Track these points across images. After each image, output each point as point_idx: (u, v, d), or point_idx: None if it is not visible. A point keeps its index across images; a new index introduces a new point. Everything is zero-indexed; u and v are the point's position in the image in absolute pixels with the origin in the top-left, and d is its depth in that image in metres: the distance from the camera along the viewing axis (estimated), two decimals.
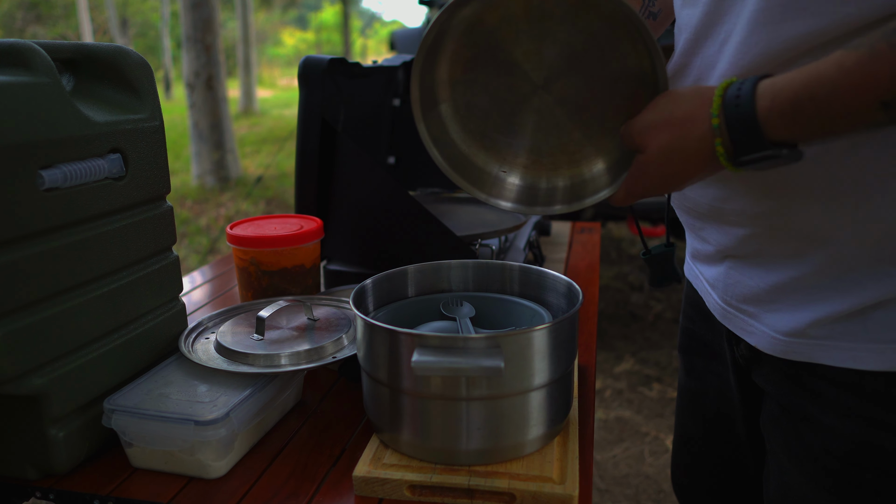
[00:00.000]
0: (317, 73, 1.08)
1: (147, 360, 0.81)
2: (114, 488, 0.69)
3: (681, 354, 0.98)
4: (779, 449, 0.75)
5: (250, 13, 15.48)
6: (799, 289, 0.67)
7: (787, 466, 0.74)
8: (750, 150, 0.57)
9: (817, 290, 0.66)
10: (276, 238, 0.98)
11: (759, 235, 0.69)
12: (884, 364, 0.62)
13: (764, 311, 0.71)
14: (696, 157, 0.61)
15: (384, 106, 1.46)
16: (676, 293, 3.55)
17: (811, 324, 0.66)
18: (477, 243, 1.09)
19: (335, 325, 0.87)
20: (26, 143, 0.63)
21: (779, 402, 0.74)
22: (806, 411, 0.69)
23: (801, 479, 0.72)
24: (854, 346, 0.64)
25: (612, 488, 2.04)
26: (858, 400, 0.65)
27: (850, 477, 0.67)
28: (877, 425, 0.64)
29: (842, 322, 0.65)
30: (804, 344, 0.67)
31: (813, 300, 0.66)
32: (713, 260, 0.79)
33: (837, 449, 0.67)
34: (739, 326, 0.75)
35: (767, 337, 0.70)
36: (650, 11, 0.89)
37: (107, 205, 0.74)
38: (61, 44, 0.73)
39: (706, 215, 0.75)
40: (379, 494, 0.67)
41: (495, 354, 0.62)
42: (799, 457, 0.72)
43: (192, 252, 4.70)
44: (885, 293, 0.62)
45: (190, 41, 6.29)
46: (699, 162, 0.61)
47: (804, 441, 0.71)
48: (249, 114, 14.43)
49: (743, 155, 0.58)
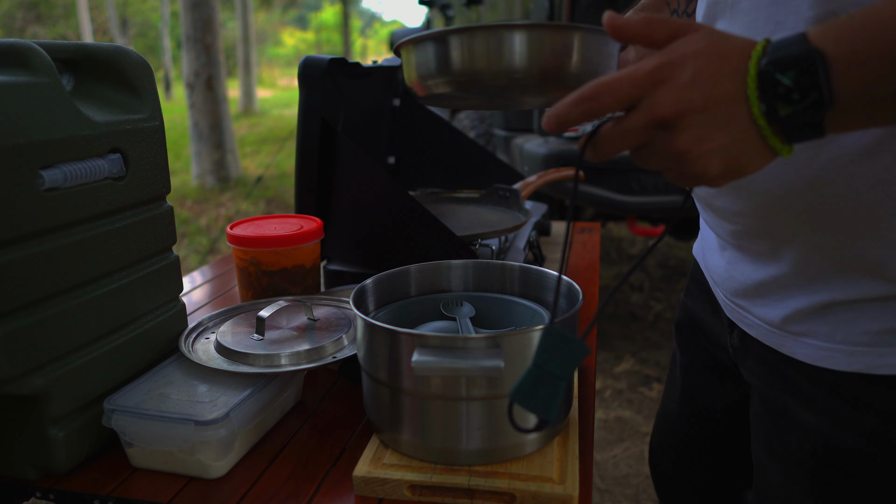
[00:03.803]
0: (317, 73, 1.08)
1: (147, 360, 0.81)
2: (114, 488, 0.69)
3: (676, 329, 0.99)
4: (759, 446, 0.77)
5: (250, 13, 15.48)
6: (779, 285, 0.68)
7: (765, 462, 0.75)
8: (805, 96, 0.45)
9: (795, 286, 0.67)
10: (276, 238, 0.98)
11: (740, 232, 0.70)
12: (852, 365, 0.63)
13: (753, 305, 0.73)
14: (723, 102, 0.47)
15: (384, 106, 1.46)
16: (676, 293, 3.55)
17: (786, 318, 0.68)
18: (477, 243, 1.09)
19: (335, 325, 0.87)
20: (26, 143, 0.63)
21: (761, 397, 0.75)
22: (785, 406, 0.70)
23: (778, 476, 0.73)
24: (829, 346, 0.65)
25: (612, 488, 2.04)
26: (830, 399, 0.66)
27: (823, 475, 0.68)
28: (842, 426, 0.65)
29: (813, 317, 0.65)
30: (786, 337, 0.69)
31: (791, 295, 0.67)
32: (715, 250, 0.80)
33: (810, 446, 0.68)
34: (739, 318, 0.76)
35: (762, 328, 0.72)
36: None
37: (107, 205, 0.74)
38: (61, 44, 0.73)
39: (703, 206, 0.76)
40: (379, 494, 0.67)
41: (495, 354, 0.62)
42: (777, 453, 0.73)
43: (192, 252, 4.70)
44: (852, 293, 0.63)
45: (190, 41, 6.30)
46: (725, 108, 0.47)
47: (782, 438, 0.72)
48: (249, 114, 14.43)
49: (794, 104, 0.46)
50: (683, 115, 0.47)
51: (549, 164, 2.60)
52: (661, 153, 0.49)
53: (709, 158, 0.48)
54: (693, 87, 0.46)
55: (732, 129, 0.47)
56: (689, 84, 0.46)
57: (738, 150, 0.47)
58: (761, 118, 0.46)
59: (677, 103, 0.47)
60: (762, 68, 0.46)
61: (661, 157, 0.50)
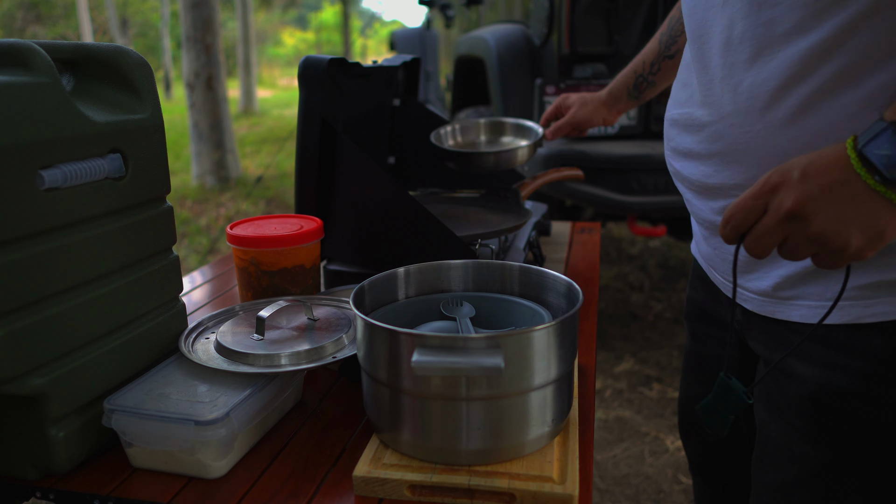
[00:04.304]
0: (317, 73, 1.08)
1: (147, 360, 0.81)
2: (114, 488, 0.69)
3: (686, 322, 1.08)
4: (761, 407, 0.84)
5: (250, 13, 15.47)
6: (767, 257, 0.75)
7: (766, 419, 0.83)
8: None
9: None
10: (276, 238, 0.98)
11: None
12: (843, 318, 0.72)
13: (746, 281, 0.81)
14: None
15: (384, 106, 1.46)
16: (676, 293, 3.55)
17: (776, 286, 0.77)
18: (477, 243, 1.09)
19: (335, 325, 0.87)
20: (26, 143, 0.63)
21: (766, 362, 0.84)
22: (785, 364, 0.79)
23: (778, 428, 0.81)
24: (820, 305, 0.74)
25: (612, 488, 2.04)
26: (824, 349, 0.74)
27: (821, 420, 0.76)
28: (837, 370, 0.74)
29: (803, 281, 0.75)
30: (779, 304, 0.78)
31: (779, 264, 0.76)
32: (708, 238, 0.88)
33: (808, 392, 0.76)
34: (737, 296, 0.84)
35: (757, 300, 0.80)
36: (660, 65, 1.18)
37: (107, 205, 0.74)
38: (61, 44, 0.73)
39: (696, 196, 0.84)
40: (379, 494, 0.67)
41: (495, 354, 0.62)
42: (778, 406, 0.81)
43: (192, 252, 4.70)
44: None
45: (190, 41, 6.29)
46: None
47: (782, 391, 0.80)
48: (249, 114, 14.43)
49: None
50: (805, 203, 0.58)
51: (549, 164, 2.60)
52: (803, 241, 0.60)
53: (847, 231, 0.58)
54: (806, 181, 0.59)
55: (857, 204, 0.58)
56: (802, 180, 0.59)
57: (870, 219, 0.58)
58: (880, 186, 0.57)
59: (797, 196, 0.59)
60: (861, 152, 0.57)
61: (805, 245, 0.61)
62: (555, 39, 2.78)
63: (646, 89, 1.25)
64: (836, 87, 0.66)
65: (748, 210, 0.62)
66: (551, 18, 2.79)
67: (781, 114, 0.69)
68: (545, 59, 2.88)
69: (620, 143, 2.65)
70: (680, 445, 2.23)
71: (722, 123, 0.76)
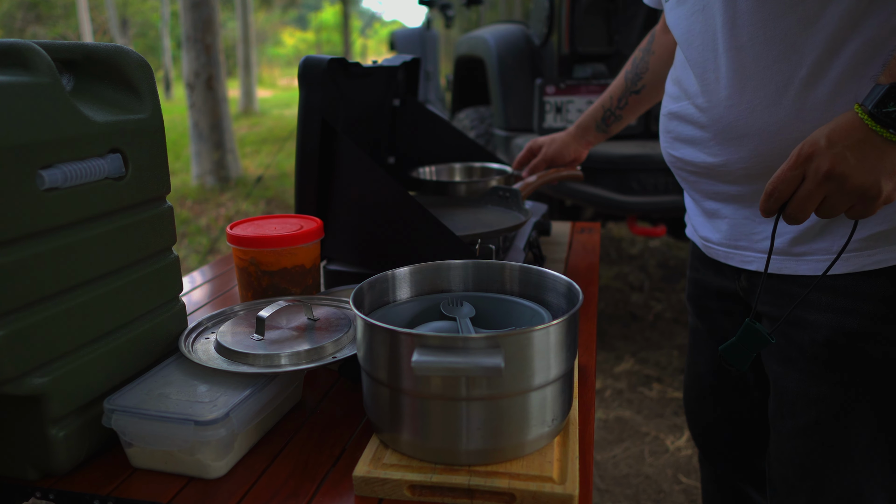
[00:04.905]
0: (317, 73, 1.08)
1: (147, 360, 0.81)
2: (114, 488, 0.69)
3: (689, 302, 1.14)
4: (773, 364, 0.90)
5: (250, 13, 15.48)
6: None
7: (780, 373, 0.89)
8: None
9: None
10: (276, 238, 0.98)
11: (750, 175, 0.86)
12: (848, 268, 0.81)
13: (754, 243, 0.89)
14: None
15: (384, 106, 1.46)
16: (677, 294, 3.55)
17: (792, 241, 0.84)
18: (477, 243, 1.09)
19: (335, 325, 0.87)
20: (26, 143, 0.63)
21: (773, 320, 0.90)
22: (794, 317, 0.86)
23: (793, 377, 0.87)
24: (826, 259, 0.82)
25: (612, 488, 2.04)
26: (833, 297, 0.82)
27: (836, 362, 0.83)
28: (847, 313, 0.82)
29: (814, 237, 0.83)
30: (788, 260, 0.85)
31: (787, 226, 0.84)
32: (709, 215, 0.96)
33: (822, 338, 0.83)
34: (740, 260, 0.93)
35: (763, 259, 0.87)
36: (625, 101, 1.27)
37: (107, 205, 0.74)
38: (61, 44, 0.73)
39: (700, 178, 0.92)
40: (379, 494, 0.67)
41: (495, 354, 0.62)
42: (790, 357, 0.87)
43: (192, 252, 4.70)
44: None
45: (190, 41, 6.29)
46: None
47: (793, 342, 0.86)
48: (249, 114, 14.43)
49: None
50: (839, 163, 0.67)
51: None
52: (841, 197, 0.68)
53: (879, 180, 0.66)
54: (833, 146, 0.67)
55: (882, 155, 0.66)
56: (829, 146, 0.67)
57: (895, 166, 0.67)
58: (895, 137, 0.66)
59: (831, 159, 0.67)
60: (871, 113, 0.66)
61: (844, 200, 0.69)
62: (555, 39, 2.78)
63: (613, 122, 1.32)
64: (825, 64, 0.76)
65: (788, 180, 0.70)
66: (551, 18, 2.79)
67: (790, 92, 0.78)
68: (545, 59, 2.88)
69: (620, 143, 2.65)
70: (680, 445, 2.23)
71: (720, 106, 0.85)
